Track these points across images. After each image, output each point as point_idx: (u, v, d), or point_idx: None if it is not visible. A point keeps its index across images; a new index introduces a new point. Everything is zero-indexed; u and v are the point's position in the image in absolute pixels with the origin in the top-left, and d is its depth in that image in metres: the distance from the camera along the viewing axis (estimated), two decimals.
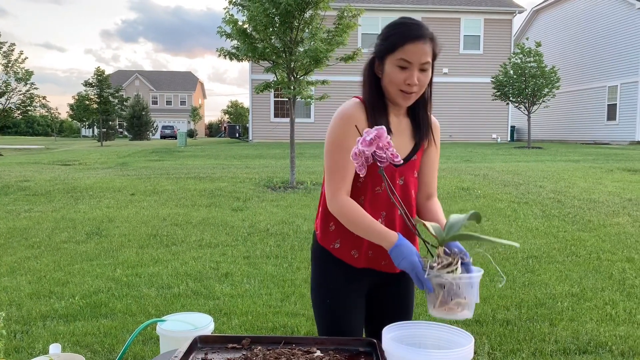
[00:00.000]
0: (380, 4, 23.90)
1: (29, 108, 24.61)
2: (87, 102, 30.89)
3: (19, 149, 27.21)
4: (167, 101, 68.61)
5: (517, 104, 20.21)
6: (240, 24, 9.31)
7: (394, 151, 1.28)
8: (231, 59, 9.74)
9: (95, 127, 40.72)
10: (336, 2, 10.24)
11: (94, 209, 7.59)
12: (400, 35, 1.52)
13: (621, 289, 4.26)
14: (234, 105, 76.50)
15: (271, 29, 9.06)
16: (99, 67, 30.77)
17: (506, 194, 8.44)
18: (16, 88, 23.61)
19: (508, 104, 21.72)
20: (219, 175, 10.64)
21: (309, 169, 11.74)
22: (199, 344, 1.33)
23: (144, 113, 47.41)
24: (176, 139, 33.77)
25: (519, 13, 25.35)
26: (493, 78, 20.46)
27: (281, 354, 1.25)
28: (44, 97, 25.32)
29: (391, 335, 1.20)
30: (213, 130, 73.57)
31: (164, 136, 53.21)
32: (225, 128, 53.98)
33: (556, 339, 3.33)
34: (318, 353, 1.27)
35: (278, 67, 9.40)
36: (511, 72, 19.64)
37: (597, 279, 4.50)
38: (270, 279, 4.56)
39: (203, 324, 1.52)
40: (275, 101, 24.40)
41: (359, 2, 20.39)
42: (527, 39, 23.95)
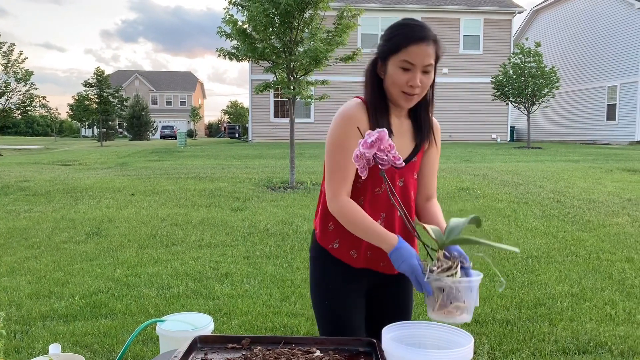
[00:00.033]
0: (380, 4, 23.90)
1: (28, 108, 24.61)
2: (86, 102, 30.88)
3: (18, 149, 27.20)
4: (166, 101, 68.60)
5: (516, 104, 20.22)
6: (240, 24, 9.31)
7: (396, 154, 1.28)
8: (231, 59, 9.74)
9: (95, 127, 40.72)
10: (336, 2, 10.24)
11: (94, 209, 7.59)
12: (404, 37, 1.52)
13: (621, 289, 4.26)
14: (233, 105, 76.51)
15: (271, 29, 9.06)
16: (98, 67, 30.77)
17: (506, 194, 8.45)
18: (16, 88, 23.61)
19: (508, 104, 21.73)
20: (219, 176, 10.64)
21: (309, 169, 11.75)
22: (198, 344, 1.33)
23: (143, 113, 47.41)
24: (176, 139, 33.79)
25: (519, 13, 25.37)
26: (493, 78, 20.47)
27: (281, 354, 1.25)
28: (43, 97, 25.34)
29: (391, 335, 1.20)
30: (213, 130, 73.55)
31: (163, 136, 53.20)
32: (225, 128, 53.95)
33: (556, 339, 3.33)
34: (318, 353, 1.27)
35: (278, 67, 9.40)
36: (511, 72, 19.65)
37: (596, 279, 4.50)
38: (270, 279, 4.56)
39: (203, 324, 1.52)
40: (275, 101, 24.40)
41: (358, 2, 20.39)
42: (526, 39, 23.96)
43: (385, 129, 1.28)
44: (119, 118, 42.88)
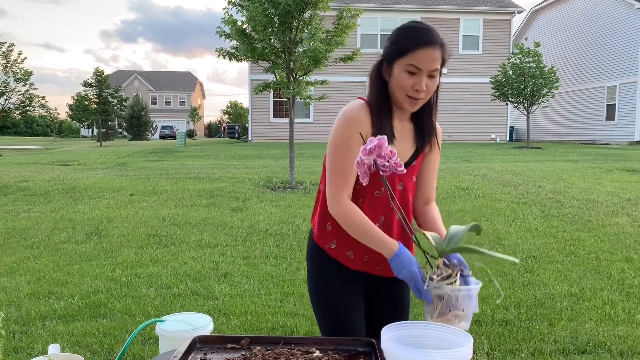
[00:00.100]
0: (380, 4, 23.90)
1: (28, 108, 24.59)
2: (86, 103, 30.86)
3: (18, 149, 27.19)
4: (166, 101, 68.57)
5: (516, 104, 20.23)
6: (240, 24, 9.31)
7: (397, 160, 1.27)
8: (230, 59, 9.74)
9: (95, 127, 40.66)
10: (335, 2, 10.24)
11: (93, 209, 7.58)
12: (412, 40, 1.50)
13: (620, 289, 4.26)
14: (233, 105, 76.45)
15: (270, 29, 9.06)
16: (98, 67, 30.75)
17: (505, 194, 8.45)
18: (15, 88, 23.61)
19: (507, 104, 21.74)
20: (218, 176, 10.64)
21: (308, 169, 11.74)
22: (198, 344, 1.33)
23: (143, 113, 47.39)
24: (175, 139, 33.77)
25: (518, 13, 25.38)
26: (492, 78, 20.47)
27: (280, 354, 1.25)
28: (43, 97, 25.34)
29: (390, 335, 1.20)
30: (212, 130, 73.52)
31: (163, 136, 53.18)
32: (224, 128, 53.93)
33: (555, 338, 3.33)
34: (317, 353, 1.27)
35: (277, 68, 9.40)
36: (510, 72, 19.65)
37: (596, 279, 4.51)
38: (269, 279, 4.56)
39: (202, 324, 1.52)
40: (274, 101, 24.40)
41: (358, 3, 20.40)
42: (526, 39, 23.97)
43: (385, 136, 1.27)
44: (119, 118, 42.87)
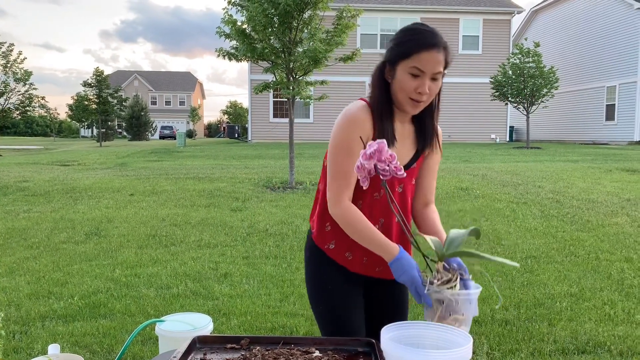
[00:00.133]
0: (379, 4, 23.90)
1: (27, 108, 24.59)
2: (86, 103, 30.85)
3: (17, 150, 27.18)
4: (166, 101, 68.56)
5: (515, 104, 20.23)
6: (239, 24, 9.31)
7: (397, 164, 1.27)
8: (230, 59, 9.74)
9: (94, 127, 40.67)
10: (335, 2, 10.24)
11: (93, 209, 7.58)
12: (416, 43, 1.50)
13: (620, 289, 4.26)
14: (233, 105, 76.39)
15: (270, 29, 9.05)
16: (98, 67, 30.74)
17: (505, 194, 8.45)
18: (15, 88, 23.60)
19: (507, 104, 21.74)
20: (218, 176, 10.64)
21: (308, 169, 11.74)
22: (197, 344, 1.33)
23: (142, 113, 47.37)
24: (175, 139, 33.75)
25: (518, 13, 25.38)
26: (492, 78, 20.47)
27: (280, 354, 1.25)
28: (43, 98, 25.33)
29: (390, 335, 1.20)
30: (212, 130, 73.48)
31: (163, 136, 53.17)
32: (224, 128, 53.87)
33: (555, 339, 3.33)
34: (317, 353, 1.27)
35: (277, 68, 9.40)
36: (510, 72, 19.65)
37: (595, 279, 4.51)
38: (269, 279, 4.56)
39: (202, 324, 1.52)
40: (274, 101, 24.39)
41: (357, 3, 20.39)
42: (525, 39, 23.98)
43: (384, 140, 1.26)
44: (118, 118, 42.87)
